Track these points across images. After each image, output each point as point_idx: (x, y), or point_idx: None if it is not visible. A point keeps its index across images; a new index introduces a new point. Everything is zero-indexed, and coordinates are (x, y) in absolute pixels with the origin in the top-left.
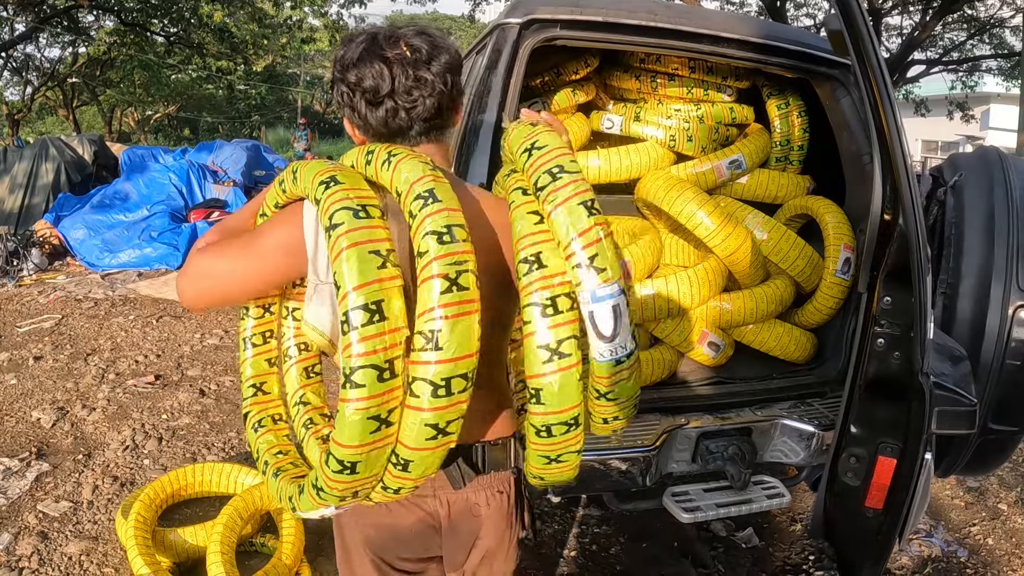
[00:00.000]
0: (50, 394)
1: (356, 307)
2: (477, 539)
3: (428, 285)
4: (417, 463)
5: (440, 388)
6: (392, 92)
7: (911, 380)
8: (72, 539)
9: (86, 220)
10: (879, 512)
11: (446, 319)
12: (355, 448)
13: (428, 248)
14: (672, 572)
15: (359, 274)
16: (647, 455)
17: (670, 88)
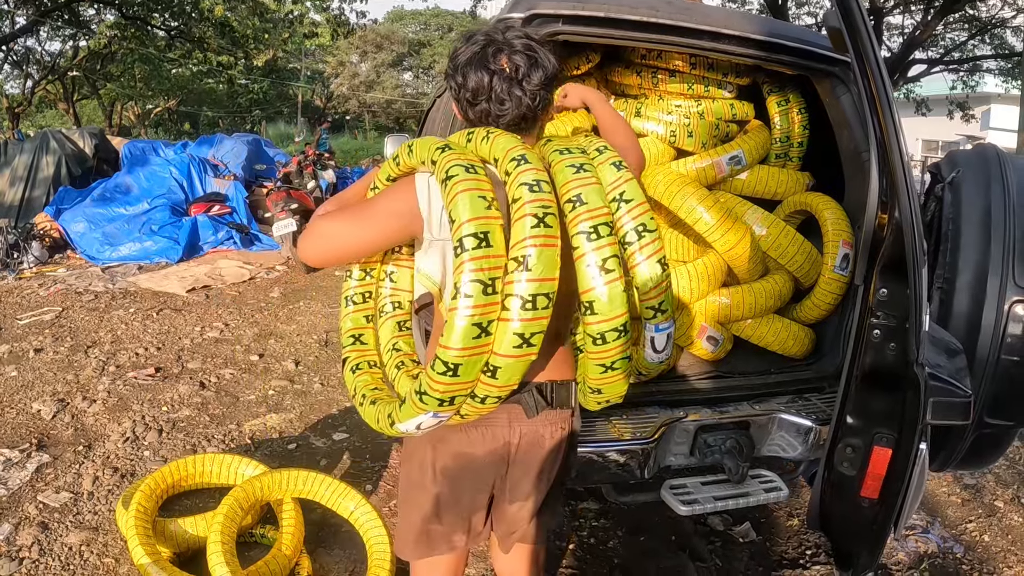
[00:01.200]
0: (50, 386)
1: (468, 235)
2: (541, 471)
3: (521, 222)
4: (504, 370)
5: (528, 303)
6: (488, 99)
7: (906, 371)
8: (72, 529)
9: (87, 213)
10: (875, 502)
11: (535, 247)
12: (459, 351)
13: (522, 195)
14: (669, 565)
15: (471, 210)
16: (645, 447)
17: (671, 84)
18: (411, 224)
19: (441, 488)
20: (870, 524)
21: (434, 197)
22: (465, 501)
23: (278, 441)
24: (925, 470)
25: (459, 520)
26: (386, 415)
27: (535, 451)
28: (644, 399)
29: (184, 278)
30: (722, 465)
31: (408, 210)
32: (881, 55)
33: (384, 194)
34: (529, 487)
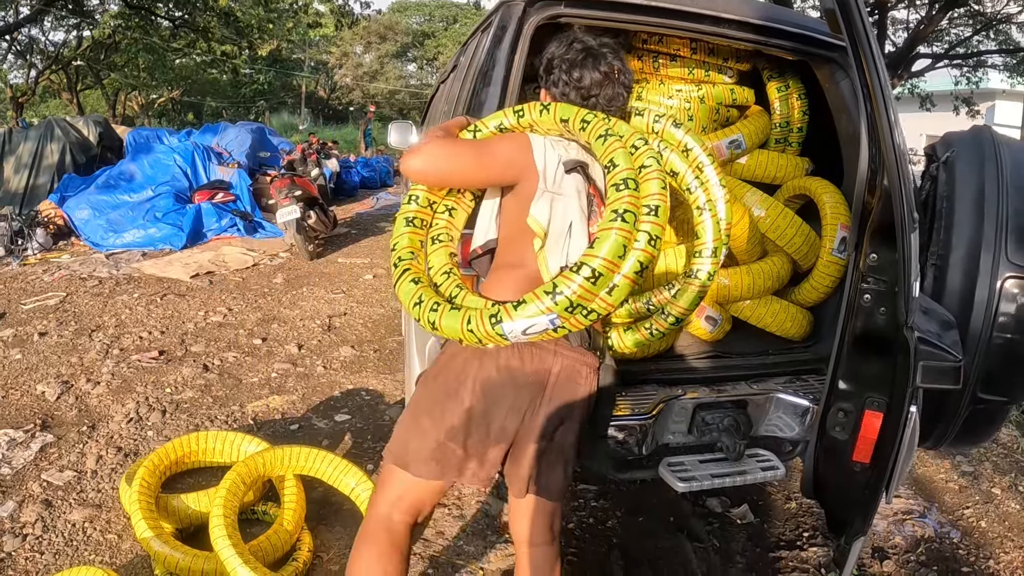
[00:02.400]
0: (55, 368)
1: (621, 179)
2: (572, 409)
3: (648, 183)
4: (619, 288)
5: (652, 240)
6: (599, 95)
7: (896, 335)
8: (76, 507)
9: (91, 200)
10: (867, 466)
11: (660, 199)
12: (607, 261)
13: (651, 163)
14: (668, 545)
15: (624, 161)
16: (643, 423)
17: (672, 68)
18: (522, 173)
19: (476, 402)
20: (862, 489)
21: (549, 155)
22: (496, 424)
23: (280, 422)
24: (916, 434)
25: (481, 445)
26: (487, 316)
27: (571, 386)
28: (643, 377)
29: (188, 264)
30: (719, 443)
31: (524, 162)
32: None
33: (502, 142)
34: (557, 424)
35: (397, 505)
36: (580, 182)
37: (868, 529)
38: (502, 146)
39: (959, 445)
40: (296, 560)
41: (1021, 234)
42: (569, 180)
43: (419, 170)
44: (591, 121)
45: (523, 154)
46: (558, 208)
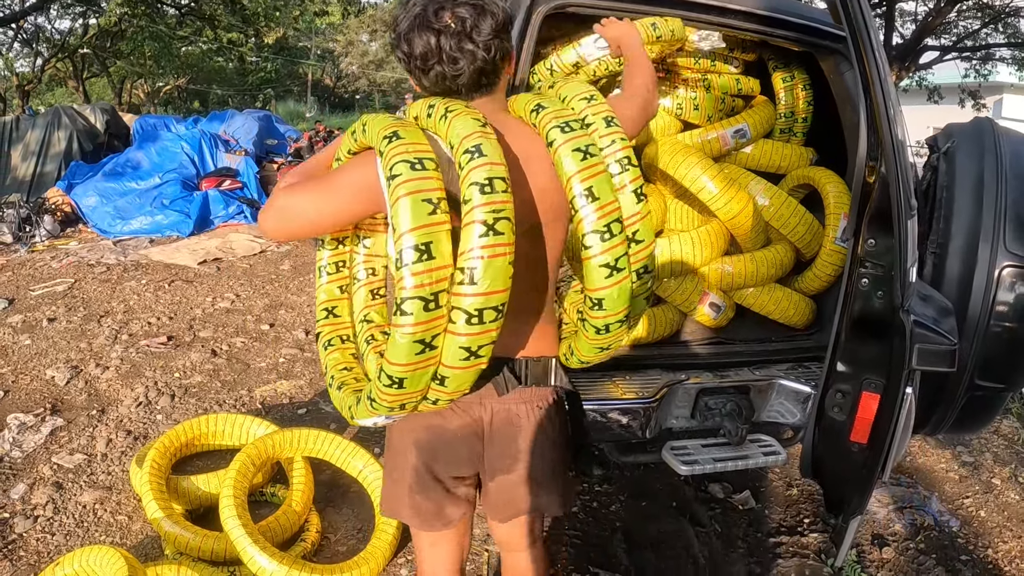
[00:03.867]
0: (64, 354)
1: (408, 247)
2: (519, 451)
3: (469, 229)
4: (452, 379)
5: (474, 317)
6: (439, 60)
7: (893, 317)
8: (86, 489)
9: (98, 188)
10: (864, 447)
11: (482, 259)
12: (403, 367)
13: (471, 197)
14: (670, 529)
15: (412, 218)
16: (647, 407)
17: (678, 58)
18: (376, 200)
19: (418, 460)
20: (860, 468)
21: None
22: (443, 476)
23: (288, 406)
24: (912, 415)
25: (443, 495)
26: (347, 407)
27: (509, 429)
28: (647, 362)
29: (195, 251)
30: (722, 428)
31: (369, 186)
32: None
33: (349, 166)
34: (507, 465)
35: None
36: None
37: (865, 508)
38: (347, 173)
39: (958, 432)
40: (304, 540)
41: (1019, 224)
42: None
43: (270, 231)
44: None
45: (367, 177)
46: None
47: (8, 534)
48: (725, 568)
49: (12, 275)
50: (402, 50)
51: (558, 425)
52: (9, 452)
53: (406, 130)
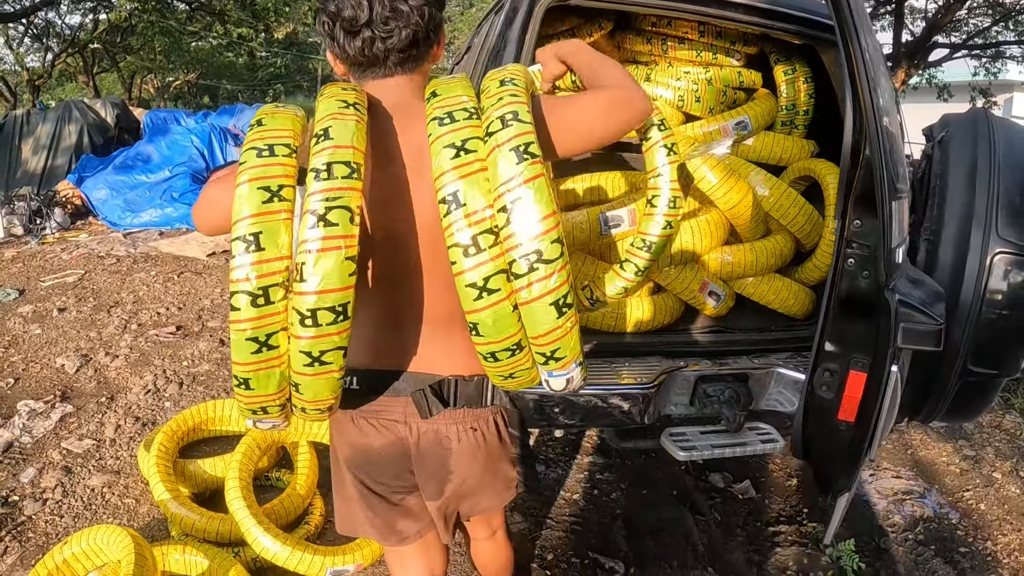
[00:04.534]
0: (74, 343)
1: (235, 237)
2: (449, 473)
3: (303, 220)
4: (305, 386)
5: (307, 319)
6: (369, 22)
7: (879, 297)
8: (95, 473)
9: (108, 181)
10: (851, 425)
11: (310, 253)
12: (242, 366)
13: (309, 185)
14: (670, 517)
15: (243, 207)
16: (646, 393)
17: (680, 51)
18: None
19: (352, 475)
20: (847, 447)
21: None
22: (381, 491)
23: None
24: (898, 393)
25: (389, 508)
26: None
27: (439, 451)
28: (646, 349)
29: (204, 243)
30: (720, 415)
31: None
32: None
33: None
34: (439, 488)
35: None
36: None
37: (853, 485)
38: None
39: (953, 419)
40: (308, 523)
41: (1011, 211)
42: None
43: (195, 222)
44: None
45: None
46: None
47: (17, 516)
48: (723, 556)
49: (23, 266)
50: (328, 12)
51: (495, 446)
52: (19, 438)
53: (275, 117)
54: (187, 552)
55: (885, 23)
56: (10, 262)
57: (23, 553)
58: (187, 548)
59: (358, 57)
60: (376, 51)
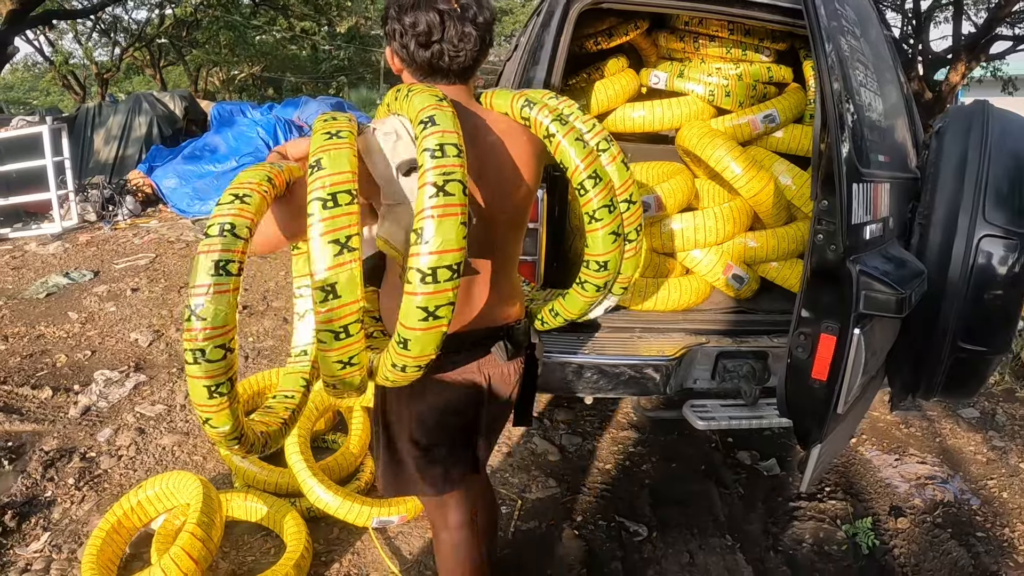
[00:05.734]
0: (146, 319)
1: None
2: (509, 405)
3: (422, 191)
4: (415, 341)
5: (427, 276)
6: (441, 39)
7: (843, 267)
8: (166, 433)
9: (177, 170)
10: (823, 383)
11: (432, 218)
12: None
13: (424, 162)
14: (696, 489)
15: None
16: (668, 364)
17: (711, 48)
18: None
19: (422, 436)
20: (820, 403)
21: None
22: (445, 443)
23: None
24: (861, 353)
25: (447, 458)
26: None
27: (505, 388)
28: (673, 326)
29: None
30: (739, 388)
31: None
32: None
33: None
34: (500, 421)
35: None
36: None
37: (825, 438)
38: None
39: (949, 395)
40: (359, 480)
41: (998, 196)
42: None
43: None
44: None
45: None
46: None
47: (95, 470)
48: (742, 526)
49: (97, 250)
50: (402, 23)
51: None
52: (96, 403)
53: (333, 156)
54: (248, 500)
55: (948, 14)
56: (84, 246)
57: (99, 501)
58: (248, 496)
59: (424, 65)
60: (443, 63)
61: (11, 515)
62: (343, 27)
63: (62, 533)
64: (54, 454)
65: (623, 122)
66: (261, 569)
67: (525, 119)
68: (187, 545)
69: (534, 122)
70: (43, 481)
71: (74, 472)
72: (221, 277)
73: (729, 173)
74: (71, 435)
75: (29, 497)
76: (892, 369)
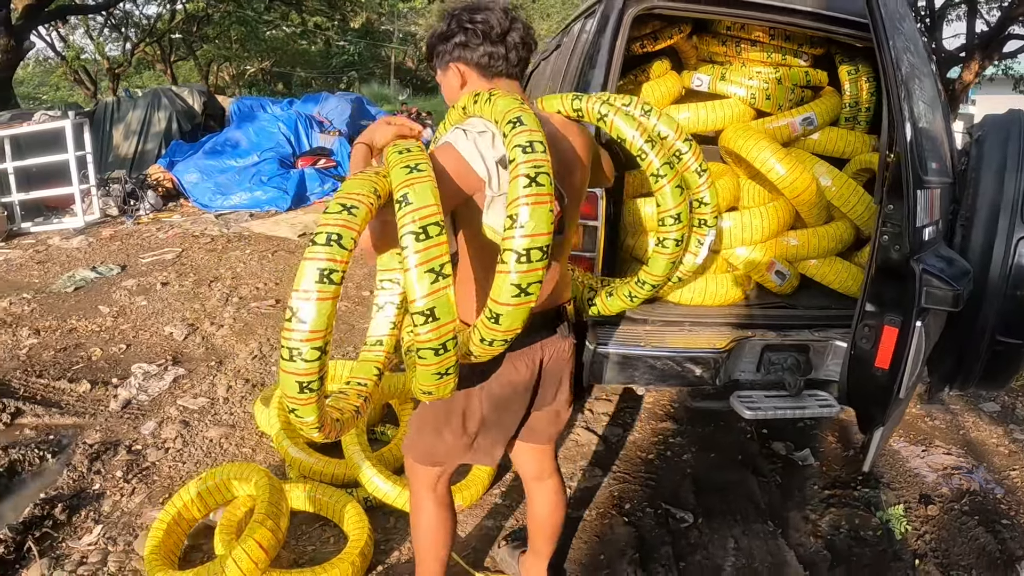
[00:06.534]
0: (179, 313)
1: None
2: (562, 380)
3: (515, 182)
4: (505, 316)
5: (522, 257)
6: (505, 33)
7: (907, 266)
8: (212, 426)
9: (198, 165)
10: (885, 371)
11: (526, 205)
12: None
13: (516, 156)
14: (735, 479)
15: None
16: (718, 356)
17: (752, 53)
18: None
19: (488, 412)
20: (882, 389)
21: (487, 155)
22: (507, 421)
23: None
24: (922, 343)
25: (500, 436)
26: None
27: (559, 364)
28: (720, 320)
29: (294, 224)
30: (783, 380)
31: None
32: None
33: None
34: (555, 394)
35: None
36: None
37: (885, 421)
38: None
39: (985, 386)
40: None
41: None
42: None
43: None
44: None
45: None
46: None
47: (142, 462)
48: (782, 513)
49: (121, 244)
50: (475, 21)
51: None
52: (136, 396)
53: (417, 190)
54: (307, 490)
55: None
56: (108, 240)
57: (150, 493)
58: (307, 487)
59: (483, 60)
60: (511, 58)
61: (61, 508)
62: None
63: (115, 526)
64: (98, 447)
65: None
66: (322, 559)
67: (577, 110)
68: (259, 535)
69: (586, 110)
70: (90, 474)
71: (121, 465)
72: (324, 285)
73: (774, 174)
74: (113, 428)
75: (76, 490)
76: (933, 361)
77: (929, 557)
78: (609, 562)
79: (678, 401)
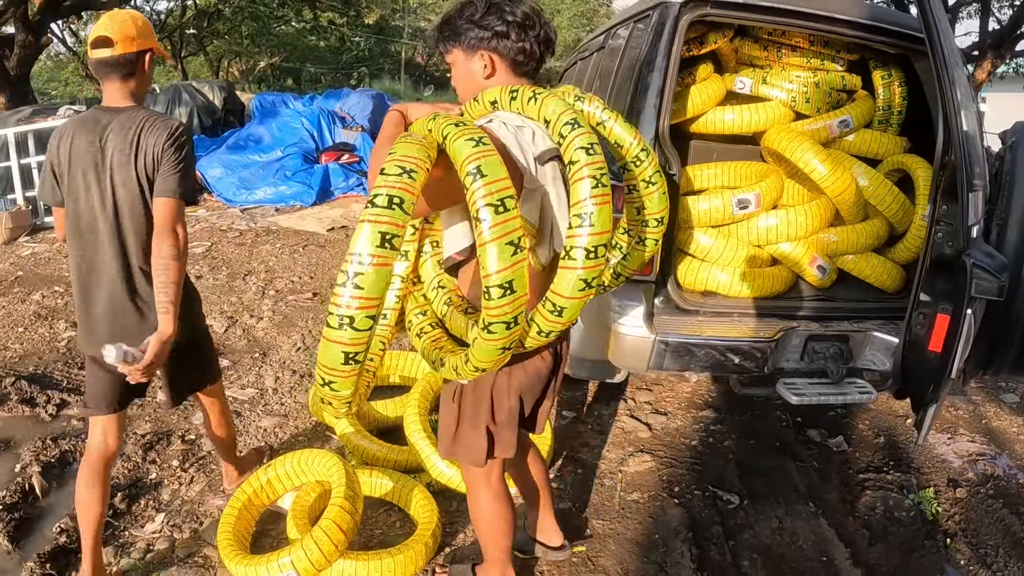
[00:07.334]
0: (217, 306)
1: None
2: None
3: (581, 183)
4: (568, 308)
5: (591, 253)
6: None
7: (959, 260)
8: (264, 416)
9: (222, 160)
10: (938, 355)
11: (596, 205)
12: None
13: (579, 158)
14: (774, 464)
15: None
16: (767, 346)
17: (792, 57)
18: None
19: (515, 403)
20: (936, 371)
21: (527, 150)
22: (526, 409)
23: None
24: (972, 329)
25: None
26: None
27: (566, 353)
28: (766, 312)
29: (321, 219)
30: (826, 368)
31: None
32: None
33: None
34: (558, 381)
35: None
36: (555, 169)
37: (938, 400)
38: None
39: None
40: None
41: None
42: (544, 170)
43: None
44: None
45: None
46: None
47: (198, 451)
48: (821, 495)
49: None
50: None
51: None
52: None
53: (492, 164)
54: (374, 476)
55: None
56: None
57: (209, 481)
58: (374, 473)
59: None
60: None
61: (120, 497)
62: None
63: (178, 513)
64: (151, 437)
65: (714, 124)
66: (391, 542)
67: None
68: (337, 517)
69: (587, 114)
70: (145, 463)
71: (176, 454)
72: (385, 250)
73: (816, 174)
74: (163, 418)
75: (133, 480)
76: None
77: (959, 536)
78: (664, 541)
79: (715, 390)
